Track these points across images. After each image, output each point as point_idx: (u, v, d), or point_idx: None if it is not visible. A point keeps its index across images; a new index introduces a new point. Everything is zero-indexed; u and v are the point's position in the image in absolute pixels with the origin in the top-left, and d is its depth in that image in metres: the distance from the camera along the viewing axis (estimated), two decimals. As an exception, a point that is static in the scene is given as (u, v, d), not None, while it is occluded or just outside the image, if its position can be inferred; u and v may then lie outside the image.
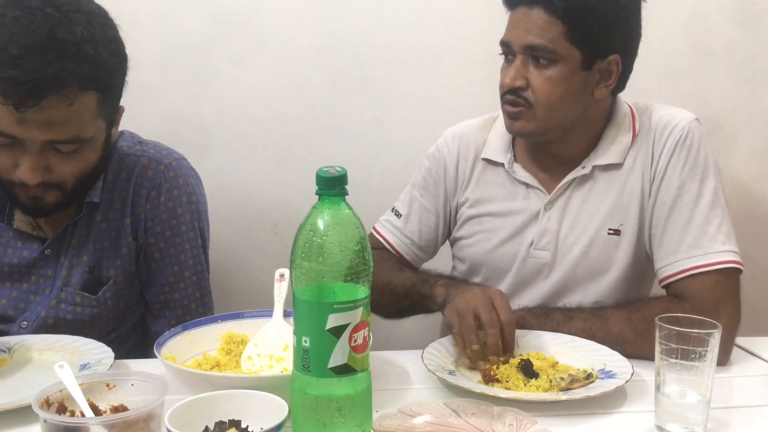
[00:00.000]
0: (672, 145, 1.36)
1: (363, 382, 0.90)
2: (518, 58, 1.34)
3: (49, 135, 1.20)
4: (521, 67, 1.33)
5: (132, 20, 1.36)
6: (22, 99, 1.15)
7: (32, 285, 1.38)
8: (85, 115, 1.22)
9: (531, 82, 1.33)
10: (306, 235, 0.88)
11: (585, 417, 1.06)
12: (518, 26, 1.33)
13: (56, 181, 1.26)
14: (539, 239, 1.43)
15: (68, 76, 1.16)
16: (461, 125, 1.56)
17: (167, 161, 1.44)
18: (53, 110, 1.17)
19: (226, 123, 1.96)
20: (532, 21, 1.31)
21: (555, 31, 1.29)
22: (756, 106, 2.01)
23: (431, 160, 1.56)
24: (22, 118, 1.17)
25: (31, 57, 1.14)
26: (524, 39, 1.31)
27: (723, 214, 1.33)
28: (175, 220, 1.43)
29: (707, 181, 1.34)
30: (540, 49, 1.31)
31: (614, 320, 1.28)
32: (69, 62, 1.16)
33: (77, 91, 1.19)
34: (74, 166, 1.27)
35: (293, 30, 1.92)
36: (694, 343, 0.97)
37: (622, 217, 1.39)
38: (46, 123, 1.18)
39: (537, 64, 1.32)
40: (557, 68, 1.31)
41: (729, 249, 1.30)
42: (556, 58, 1.31)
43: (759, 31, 1.97)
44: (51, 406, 0.93)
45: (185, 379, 1.07)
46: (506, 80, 1.35)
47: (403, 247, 1.57)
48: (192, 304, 1.47)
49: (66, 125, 1.20)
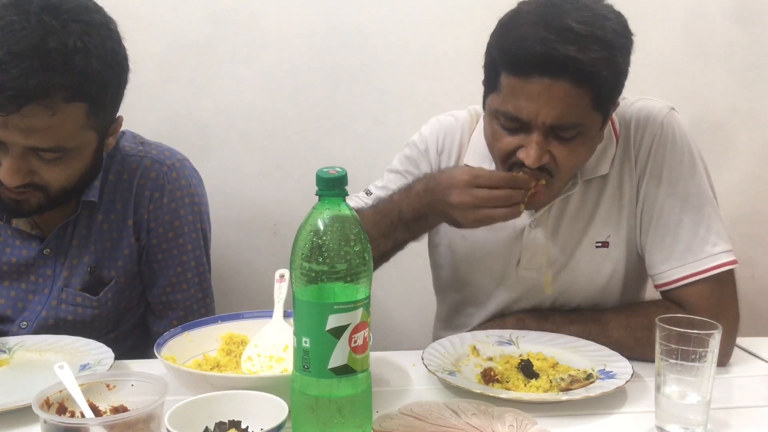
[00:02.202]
0: (649, 143, 1.30)
1: (363, 383, 0.90)
2: (536, 133, 1.18)
3: (29, 141, 1.19)
4: (543, 142, 1.18)
5: (132, 20, 1.36)
6: (4, 104, 1.14)
7: (31, 285, 1.38)
8: (68, 126, 1.21)
9: (555, 155, 1.20)
10: (306, 235, 0.88)
11: (585, 417, 1.06)
12: (537, 100, 1.15)
13: (39, 183, 1.25)
14: (527, 259, 1.37)
15: (52, 88, 1.15)
16: (446, 118, 1.47)
17: (170, 162, 1.44)
18: (33, 119, 1.16)
19: (226, 123, 1.96)
20: (557, 96, 1.14)
21: (583, 103, 1.16)
22: (756, 106, 2.01)
23: (412, 148, 1.48)
24: (3, 122, 1.17)
25: (17, 64, 1.13)
26: (549, 116, 1.16)
27: (712, 211, 1.29)
28: (177, 221, 1.43)
29: (692, 176, 1.29)
30: (568, 126, 1.17)
31: (613, 325, 1.28)
32: (54, 73, 1.15)
33: (61, 102, 1.17)
34: (58, 172, 1.26)
35: (293, 30, 1.92)
36: (694, 343, 0.97)
37: (609, 229, 1.35)
38: (27, 130, 1.18)
39: (560, 137, 1.19)
40: (582, 138, 1.20)
41: (722, 250, 1.27)
42: (582, 129, 1.19)
43: (759, 31, 1.97)
44: (51, 406, 0.93)
45: (185, 379, 1.07)
46: (531, 161, 1.19)
47: None
48: (194, 305, 1.47)
49: (47, 134, 1.19)
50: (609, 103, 1.22)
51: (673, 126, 1.31)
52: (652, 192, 1.31)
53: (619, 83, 1.21)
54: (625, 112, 1.34)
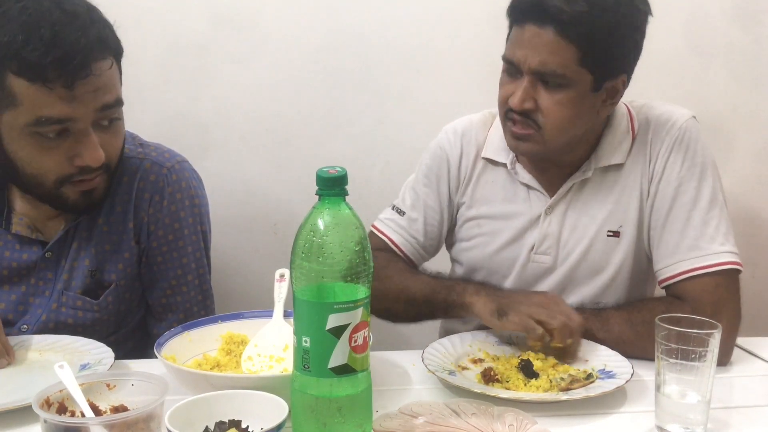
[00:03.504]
0: (669, 145, 1.35)
1: (363, 383, 0.90)
2: (526, 78, 1.28)
3: (99, 102, 1.21)
4: (529, 88, 1.28)
5: (132, 20, 1.37)
6: (74, 74, 1.16)
7: (31, 288, 1.38)
8: (117, 77, 1.26)
9: (540, 103, 1.28)
10: (306, 235, 0.88)
11: (585, 417, 1.06)
12: (526, 46, 1.26)
13: (107, 162, 1.28)
14: (540, 244, 1.42)
15: (104, 39, 1.20)
16: (461, 121, 1.54)
17: (170, 164, 1.44)
18: (99, 75, 1.20)
19: (226, 123, 1.96)
20: (542, 43, 1.24)
21: (567, 56, 1.24)
22: (756, 106, 2.01)
23: (433, 157, 1.53)
24: (72, 96, 1.18)
25: (65, 33, 1.15)
26: (533, 61, 1.25)
27: (721, 214, 1.33)
28: (177, 223, 1.43)
29: (705, 180, 1.33)
30: (550, 74, 1.26)
31: (614, 321, 1.28)
32: (94, 28, 1.19)
33: (111, 54, 1.23)
34: (118, 140, 1.30)
35: (293, 30, 1.92)
36: (694, 343, 0.97)
37: (621, 219, 1.38)
38: (94, 90, 1.20)
39: (546, 86, 1.27)
40: (567, 91, 1.27)
41: (728, 249, 1.30)
42: (566, 82, 1.26)
43: (759, 31, 1.97)
44: (51, 406, 0.93)
45: (185, 379, 1.07)
46: (515, 102, 1.29)
47: (409, 247, 1.53)
48: (194, 307, 1.46)
49: (111, 88, 1.24)
50: (599, 65, 1.26)
51: (692, 132, 1.36)
52: (665, 191, 1.35)
53: (611, 47, 1.26)
54: (648, 114, 1.40)
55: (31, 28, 1.14)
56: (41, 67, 1.15)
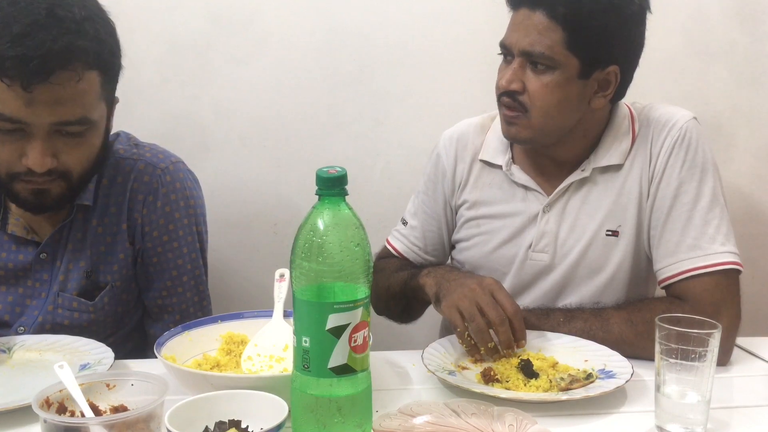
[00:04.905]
0: (670, 145, 1.35)
1: (363, 383, 0.90)
2: (516, 60, 1.32)
3: (57, 116, 1.19)
4: (518, 70, 1.31)
5: (132, 20, 1.36)
6: (30, 76, 1.14)
7: (28, 289, 1.38)
8: (90, 95, 1.21)
9: (527, 86, 1.31)
10: (306, 235, 0.88)
11: (585, 417, 1.06)
12: (518, 29, 1.31)
13: (62, 169, 1.24)
14: (538, 242, 1.42)
15: (75, 51, 1.16)
16: (460, 125, 1.55)
17: (164, 165, 1.43)
18: (61, 87, 1.16)
19: (226, 123, 1.96)
20: (532, 25, 1.28)
21: (554, 37, 1.27)
22: (756, 106, 2.01)
23: (431, 165, 1.56)
24: (29, 99, 1.16)
25: (35, 34, 1.13)
26: (523, 42, 1.29)
27: (722, 214, 1.33)
28: (172, 224, 1.42)
29: (706, 180, 1.34)
30: (537, 55, 1.29)
31: (615, 321, 1.28)
32: (74, 37, 1.16)
33: (83, 68, 1.18)
34: (81, 152, 1.25)
35: (293, 30, 1.92)
36: (694, 343, 0.97)
37: (620, 219, 1.39)
38: (54, 102, 1.17)
39: (534, 68, 1.30)
40: (554, 75, 1.29)
41: (728, 250, 1.30)
42: (553, 64, 1.29)
43: (759, 31, 1.97)
44: (51, 406, 0.93)
45: (185, 379, 1.07)
46: (502, 82, 1.33)
47: (411, 254, 1.57)
48: (190, 309, 1.46)
49: (74, 104, 1.19)
50: (586, 50, 1.28)
51: (693, 133, 1.36)
52: (665, 191, 1.35)
53: (598, 33, 1.27)
54: (648, 115, 1.40)
55: (8, 22, 1.14)
56: (2, 60, 1.14)
